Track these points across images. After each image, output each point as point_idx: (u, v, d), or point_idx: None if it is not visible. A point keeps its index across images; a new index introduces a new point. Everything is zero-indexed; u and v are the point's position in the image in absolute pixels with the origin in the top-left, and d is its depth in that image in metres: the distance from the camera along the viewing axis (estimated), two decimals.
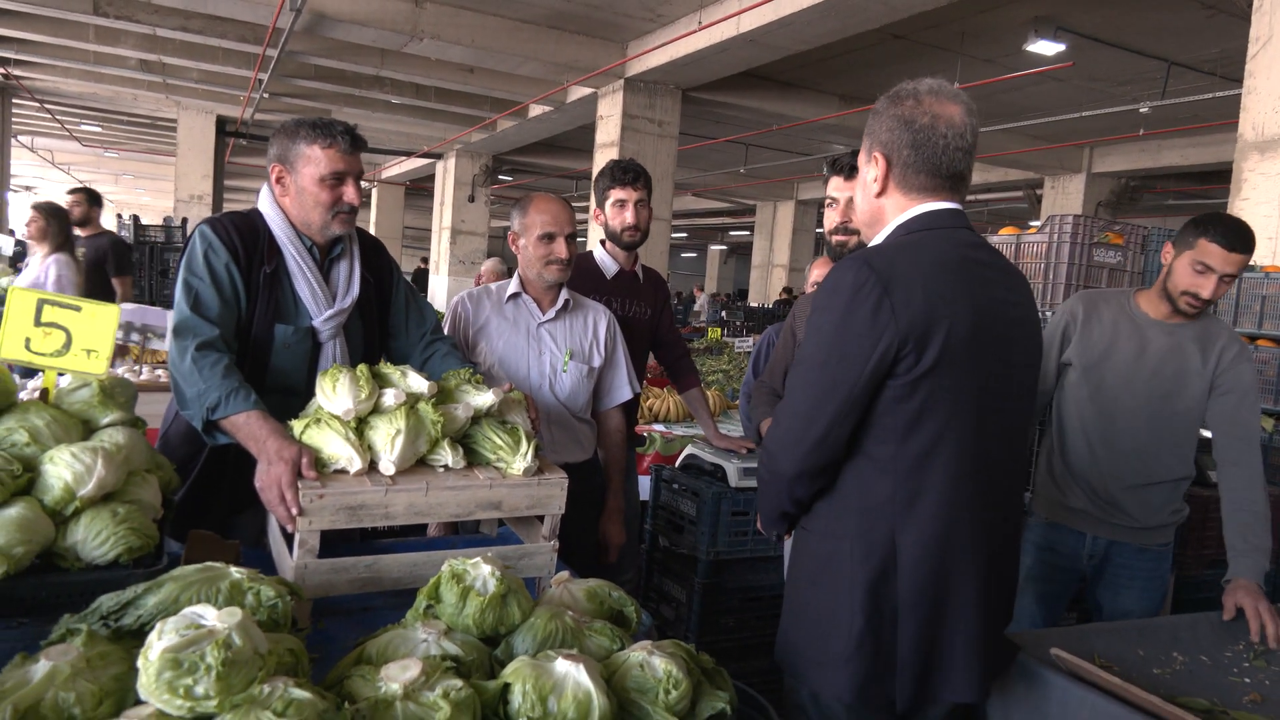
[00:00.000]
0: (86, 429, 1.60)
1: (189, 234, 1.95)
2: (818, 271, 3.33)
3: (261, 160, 21.16)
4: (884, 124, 1.59)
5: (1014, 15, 8.41)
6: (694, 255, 38.53)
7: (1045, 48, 8.71)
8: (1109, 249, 3.24)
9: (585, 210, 17.85)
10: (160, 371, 4.40)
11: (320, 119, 1.95)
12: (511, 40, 10.13)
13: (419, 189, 22.94)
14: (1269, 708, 1.65)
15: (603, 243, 3.01)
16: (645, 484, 3.38)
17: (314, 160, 1.92)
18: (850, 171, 2.18)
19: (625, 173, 2.90)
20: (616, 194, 2.89)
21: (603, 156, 11.58)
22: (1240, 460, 2.35)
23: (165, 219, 11.60)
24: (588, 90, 11.67)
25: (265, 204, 1.99)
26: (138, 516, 1.50)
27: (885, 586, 1.51)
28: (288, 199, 1.96)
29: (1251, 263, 4.08)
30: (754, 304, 18.25)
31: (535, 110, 13.73)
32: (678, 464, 3.11)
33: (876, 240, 1.60)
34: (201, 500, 1.90)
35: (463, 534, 2.33)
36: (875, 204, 1.62)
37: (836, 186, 2.21)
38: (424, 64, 11.67)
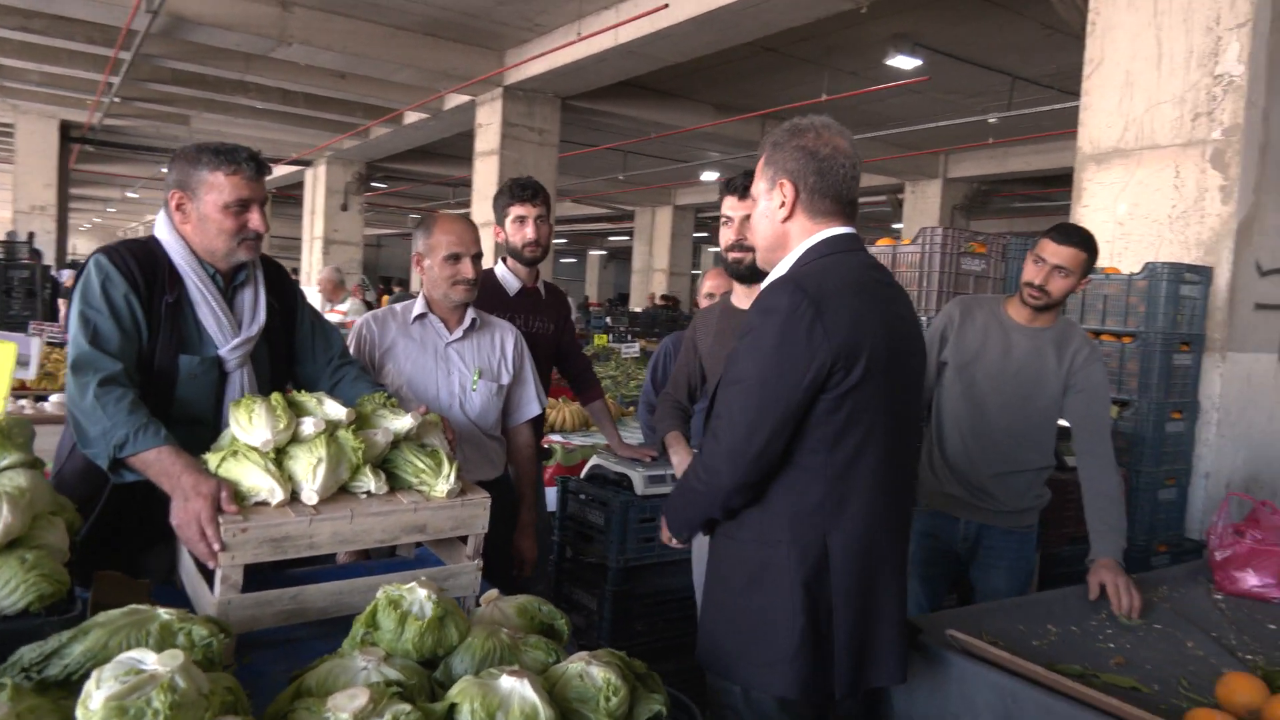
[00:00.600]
0: None
1: (83, 264, 1.87)
2: (711, 283, 3.45)
3: (112, 168, 20.06)
4: (788, 155, 1.71)
5: (876, 31, 8.88)
6: (573, 261, 38.58)
7: (904, 62, 9.24)
8: (974, 258, 3.52)
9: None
10: (24, 402, 4.12)
11: (222, 144, 1.90)
12: (386, 47, 9.92)
13: (286, 197, 22.06)
14: (1131, 669, 1.86)
15: (504, 260, 3.04)
16: (551, 495, 3.42)
17: (217, 187, 1.88)
18: (744, 191, 2.30)
19: (524, 189, 2.93)
20: (516, 210, 2.93)
21: (483, 164, 11.50)
22: (1094, 450, 2.61)
23: (9, 234, 10.76)
24: (465, 98, 11.56)
25: (163, 231, 1.92)
26: (48, 562, 1.45)
27: (819, 585, 1.63)
28: (189, 226, 1.90)
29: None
30: (636, 309, 18.46)
31: (411, 117, 13.50)
32: (583, 474, 3.16)
33: (785, 263, 1.72)
34: (105, 540, 1.83)
35: (374, 558, 2.32)
36: (780, 228, 1.74)
37: (731, 206, 2.33)
38: (292, 69, 11.27)
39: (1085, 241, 2.62)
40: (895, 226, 17.10)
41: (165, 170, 1.95)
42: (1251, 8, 4.07)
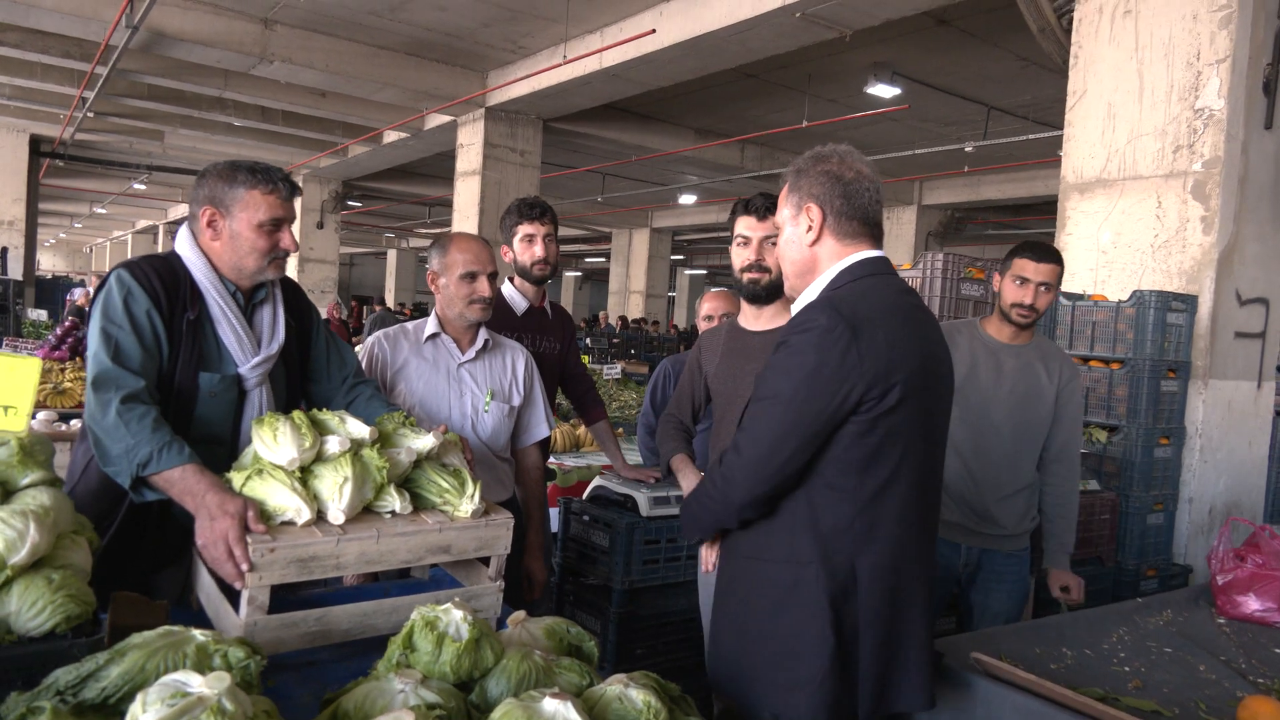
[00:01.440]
0: (4, 490, 1.48)
1: (104, 278, 1.83)
2: (710, 305, 3.47)
3: (82, 183, 19.74)
4: (813, 180, 1.73)
5: (856, 60, 9.04)
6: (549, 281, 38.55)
7: (883, 91, 9.40)
8: (973, 283, 3.58)
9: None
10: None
11: (257, 163, 1.88)
12: (368, 66, 9.92)
13: None
14: (1149, 692, 1.88)
15: (511, 279, 3.03)
16: (552, 516, 3.40)
17: (252, 205, 1.86)
18: (763, 212, 2.31)
19: (532, 208, 2.94)
20: (525, 229, 2.92)
21: (464, 185, 11.50)
22: (1066, 473, 2.82)
23: None
24: (447, 118, 11.58)
25: (185, 247, 1.89)
26: (74, 582, 1.41)
27: (846, 607, 1.62)
28: (219, 243, 1.88)
29: (1080, 291, 4.57)
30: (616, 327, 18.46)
31: (391, 136, 13.48)
32: (586, 495, 3.15)
33: (817, 286, 1.72)
34: (119, 560, 1.79)
35: (383, 579, 2.29)
36: (809, 253, 1.75)
37: (749, 226, 2.34)
38: (272, 87, 11.22)
39: (1059, 256, 2.78)
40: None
41: (192, 187, 1.92)
42: (1231, 44, 4.20)
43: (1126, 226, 4.59)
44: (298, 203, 2.06)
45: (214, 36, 8.94)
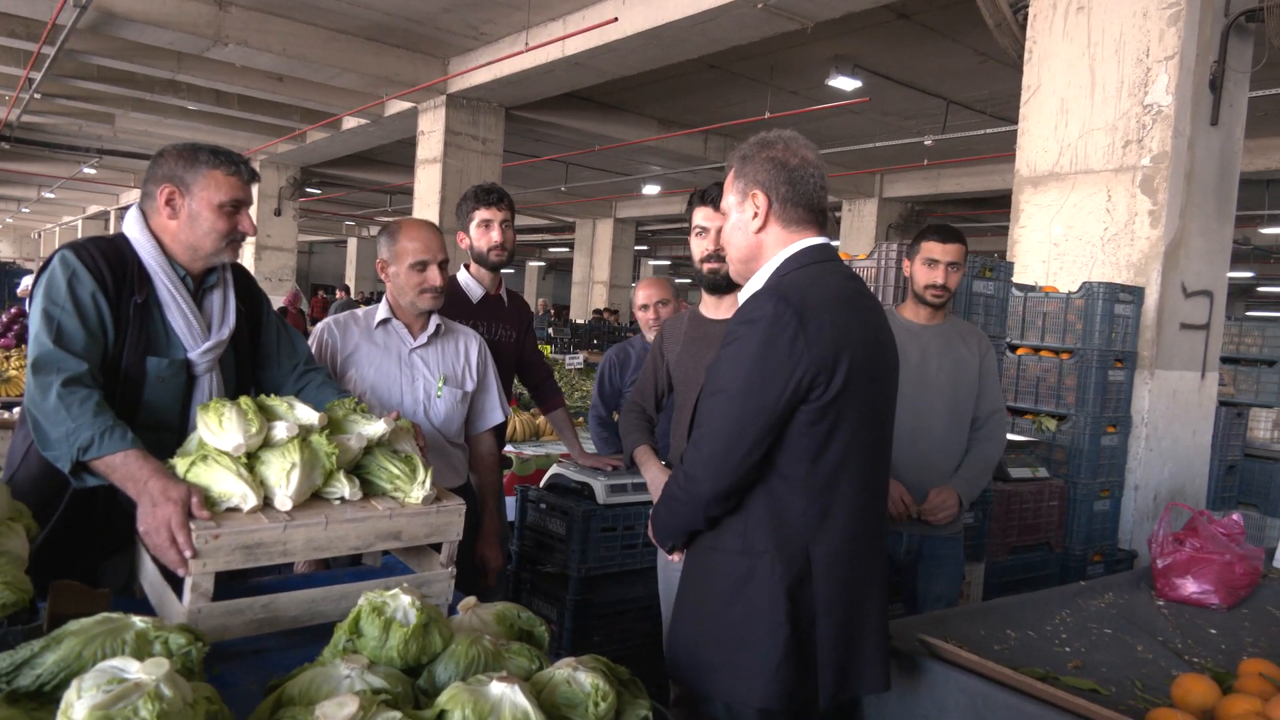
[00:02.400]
0: None
1: (47, 259, 1.78)
2: (644, 293, 3.52)
3: (29, 166, 19.18)
4: (758, 166, 1.74)
5: (817, 52, 9.09)
6: (511, 271, 38.36)
7: (844, 83, 9.47)
8: None
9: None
10: None
11: (217, 146, 1.86)
12: (327, 50, 9.76)
13: None
14: (1088, 672, 1.93)
15: (467, 266, 3.01)
16: (510, 504, 3.40)
17: (213, 185, 1.83)
18: (718, 202, 2.32)
19: (489, 193, 2.92)
20: (482, 214, 2.90)
21: (425, 172, 11.38)
22: (996, 423, 2.90)
23: None
24: (407, 105, 11.44)
25: (134, 229, 1.85)
26: (10, 570, 1.38)
27: (802, 596, 1.63)
28: (175, 223, 1.84)
29: (1032, 283, 4.65)
30: (578, 320, 18.43)
31: (350, 123, 13.29)
32: (543, 483, 3.14)
33: (763, 273, 1.73)
34: (61, 548, 1.75)
35: (334, 567, 2.27)
36: (754, 239, 1.75)
37: (705, 216, 2.35)
38: (227, 70, 10.99)
39: (963, 236, 2.88)
40: (834, 244, 17.43)
41: (148, 168, 1.88)
42: (1179, 41, 4.29)
43: (1078, 219, 4.69)
44: (255, 189, 2.03)
45: (166, 17, 8.74)
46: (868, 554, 1.69)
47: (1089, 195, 4.63)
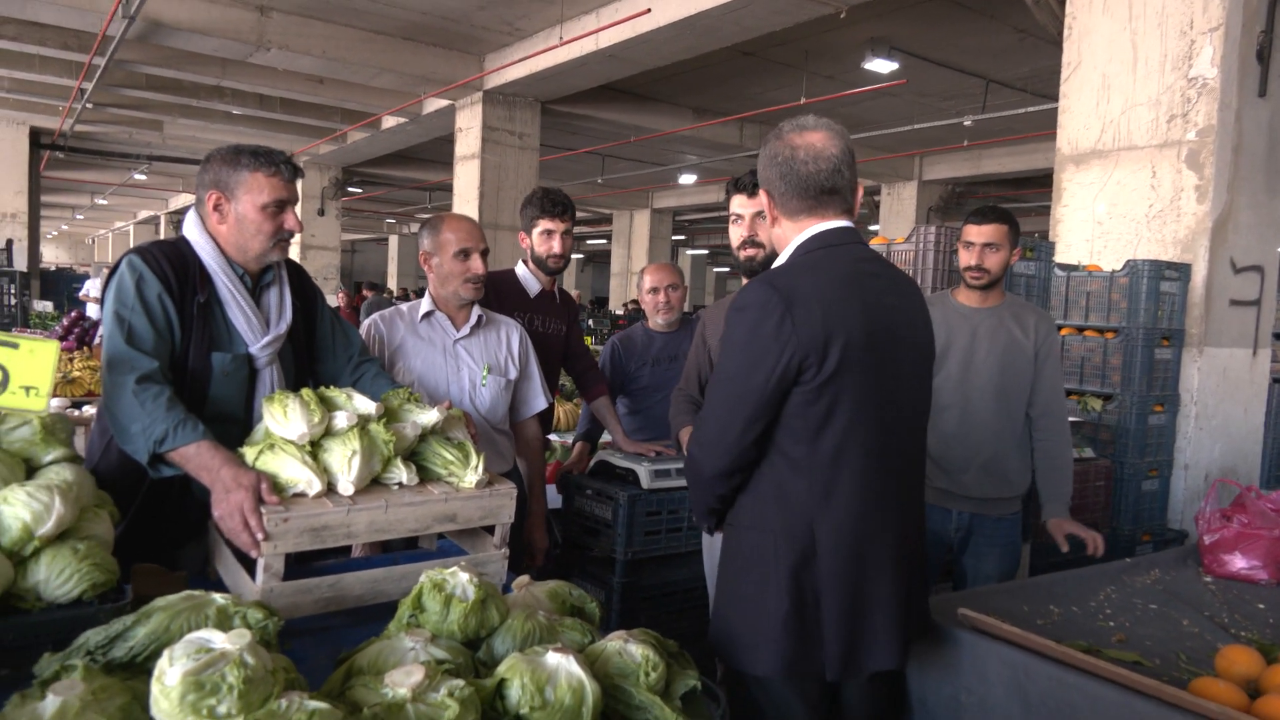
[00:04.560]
0: (28, 467, 1.55)
1: (115, 264, 1.89)
2: (652, 278, 3.59)
3: (82, 174, 19.77)
4: (763, 164, 1.80)
5: (853, 36, 9.02)
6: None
7: (881, 66, 9.39)
8: None
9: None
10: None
11: (259, 147, 1.94)
12: (365, 51, 9.93)
13: None
14: (1132, 645, 1.94)
15: (525, 263, 3.11)
16: (550, 491, 3.47)
17: (256, 187, 1.91)
18: (753, 189, 2.36)
19: (555, 205, 3.01)
20: (545, 224, 3.00)
21: (463, 168, 11.51)
22: (1053, 428, 2.86)
23: None
24: (445, 102, 11.58)
25: (193, 232, 1.95)
26: (99, 552, 1.48)
27: (806, 572, 1.67)
28: (224, 226, 1.94)
29: (1075, 263, 4.61)
30: (618, 311, 18.52)
31: (389, 122, 13.48)
32: (588, 469, 3.22)
33: (779, 261, 1.79)
34: (141, 535, 1.86)
35: (391, 550, 2.36)
36: (774, 233, 1.83)
37: (740, 204, 2.40)
38: (270, 74, 11.23)
39: (1001, 215, 2.85)
40: (872, 228, 17.32)
41: (197, 173, 1.98)
42: (1224, 12, 4.21)
43: (1121, 197, 4.62)
44: (300, 185, 2.11)
45: (210, 25, 8.96)
46: (878, 532, 1.70)
47: (1133, 172, 4.57)
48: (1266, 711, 1.48)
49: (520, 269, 3.11)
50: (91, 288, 13.17)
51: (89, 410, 3.94)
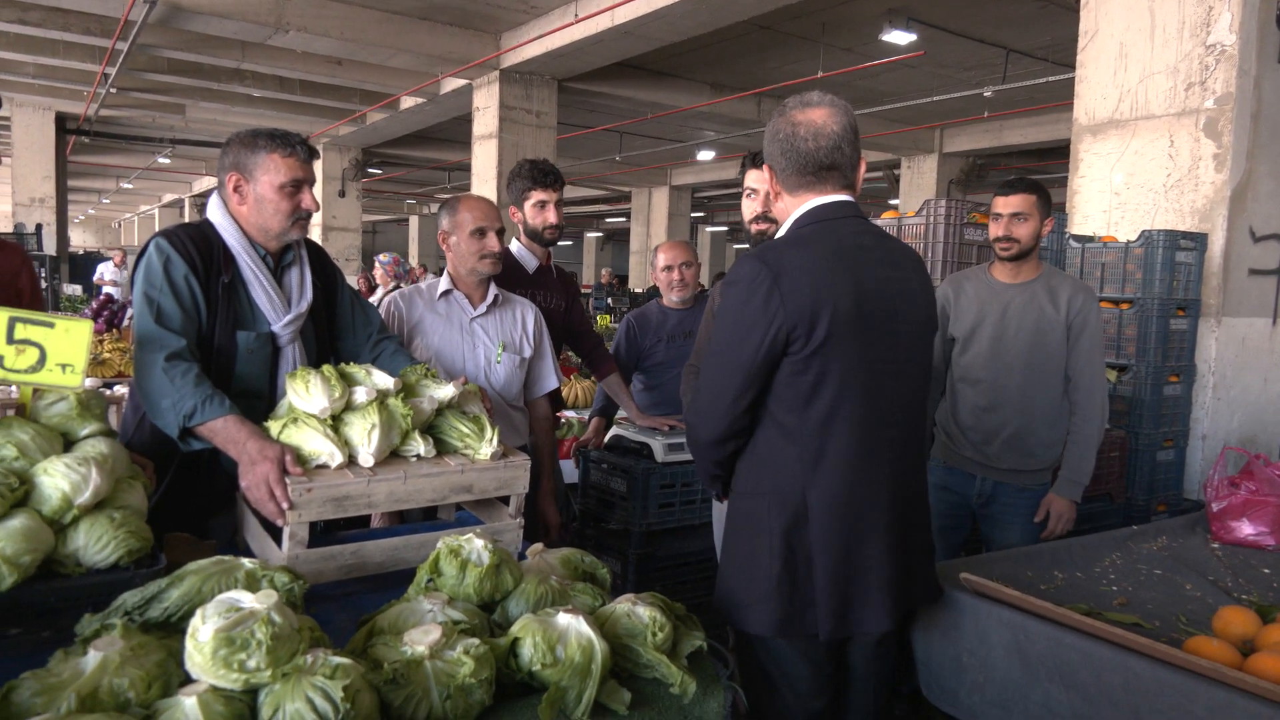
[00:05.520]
0: (66, 441, 1.63)
1: (143, 246, 1.97)
2: (666, 255, 3.64)
3: (107, 159, 20.00)
4: (767, 140, 1.86)
5: (870, 7, 8.93)
6: (569, 243, 38.59)
7: (899, 37, 9.28)
8: (977, 228, 3.64)
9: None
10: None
11: (275, 130, 2.01)
12: (382, 32, 9.95)
13: None
14: (1133, 608, 1.99)
15: (517, 239, 3.14)
16: (565, 467, 3.54)
17: (273, 168, 1.98)
18: None
19: (545, 175, 3.03)
20: (538, 195, 3.02)
21: (481, 148, 11.54)
22: (1080, 403, 2.85)
23: (17, 225, 10.82)
24: (462, 82, 11.60)
25: (216, 214, 2.03)
26: (134, 520, 1.56)
27: (798, 535, 1.74)
28: (245, 207, 2.01)
29: (1092, 234, 4.59)
30: (637, 289, 18.53)
31: (407, 102, 13.52)
32: (603, 444, 3.28)
33: (779, 235, 1.84)
34: (172, 506, 1.94)
35: (409, 521, 2.44)
36: (778, 207, 1.89)
37: (755, 179, 2.44)
38: (289, 56, 11.30)
39: (1030, 185, 2.85)
40: (892, 202, 17.18)
41: (218, 157, 2.05)
42: None
43: (1139, 167, 4.59)
44: (318, 166, 2.17)
45: (230, 8, 9.02)
46: (869, 498, 1.75)
47: (1150, 141, 4.54)
48: (1256, 668, 1.53)
49: (515, 246, 3.13)
50: (105, 270, 13.41)
51: (120, 390, 4.05)
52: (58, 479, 1.49)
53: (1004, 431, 2.86)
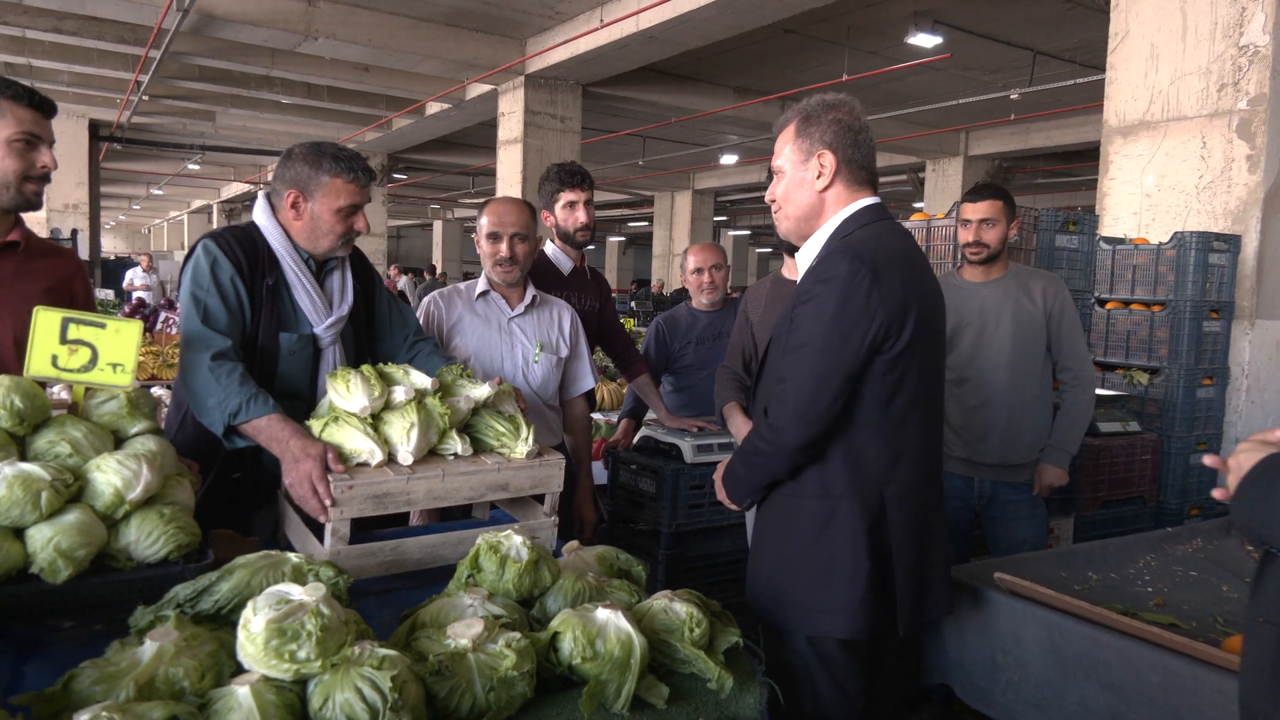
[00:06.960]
0: (116, 439, 1.67)
1: (191, 248, 2.02)
2: (696, 258, 3.63)
3: (138, 165, 20.31)
4: (825, 127, 1.82)
5: (896, 10, 8.91)
6: (592, 248, 38.69)
7: (924, 40, 9.26)
8: None
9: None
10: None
11: (340, 150, 2.04)
12: (409, 38, 10.06)
13: None
14: (1169, 609, 1.98)
15: (550, 240, 3.17)
16: (594, 468, 3.56)
17: (335, 192, 2.01)
18: None
19: (573, 176, 3.06)
20: (567, 196, 3.05)
21: (506, 153, 11.62)
22: (1072, 380, 2.94)
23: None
24: (487, 87, 11.69)
25: (262, 218, 2.07)
26: (183, 516, 1.60)
27: (879, 534, 1.76)
28: (299, 222, 2.04)
29: (1121, 235, 4.56)
30: (661, 294, 18.55)
31: (434, 108, 13.64)
32: (633, 444, 3.30)
33: (824, 231, 1.83)
34: (217, 503, 1.98)
35: (450, 519, 2.46)
36: (817, 198, 1.84)
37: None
38: (317, 63, 11.45)
39: (996, 191, 2.93)
40: (916, 205, 17.08)
41: (277, 165, 2.09)
42: None
43: (1170, 168, 4.56)
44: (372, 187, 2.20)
45: (260, 15, 9.16)
46: (934, 492, 1.83)
47: (1182, 143, 4.50)
48: None
49: (550, 248, 3.15)
50: (134, 276, 13.61)
51: (157, 392, 4.13)
52: (110, 475, 1.53)
53: (997, 426, 2.89)
